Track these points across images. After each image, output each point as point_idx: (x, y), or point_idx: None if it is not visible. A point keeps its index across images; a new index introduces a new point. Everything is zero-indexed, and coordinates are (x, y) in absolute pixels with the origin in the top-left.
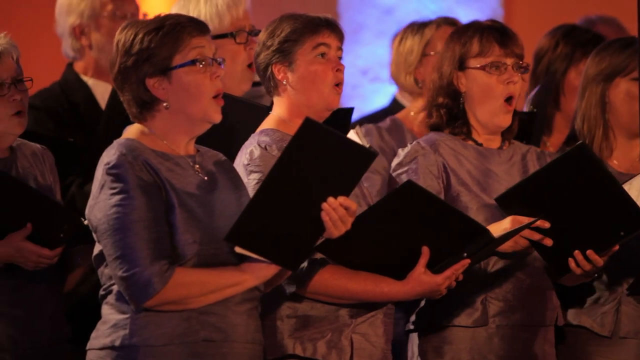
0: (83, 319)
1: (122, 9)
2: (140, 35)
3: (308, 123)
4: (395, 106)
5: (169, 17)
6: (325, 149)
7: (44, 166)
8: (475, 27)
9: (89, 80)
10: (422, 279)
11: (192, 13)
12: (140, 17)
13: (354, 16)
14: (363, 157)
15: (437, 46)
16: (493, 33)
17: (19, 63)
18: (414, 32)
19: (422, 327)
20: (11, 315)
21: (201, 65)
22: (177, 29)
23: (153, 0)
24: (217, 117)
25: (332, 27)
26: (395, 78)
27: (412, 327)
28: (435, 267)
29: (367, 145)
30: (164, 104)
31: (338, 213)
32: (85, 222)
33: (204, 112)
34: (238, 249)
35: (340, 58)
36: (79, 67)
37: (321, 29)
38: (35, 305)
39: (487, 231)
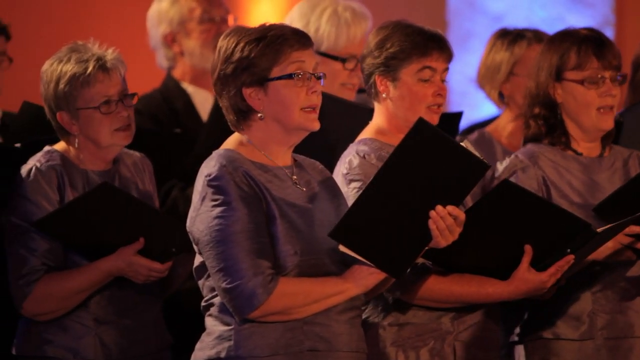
0: (179, 326)
1: (210, 13)
2: (241, 44)
3: (421, 123)
4: None
5: (272, 27)
6: (436, 153)
7: (144, 175)
8: (573, 38)
9: (189, 87)
10: (526, 278)
11: (311, 25)
12: (230, 21)
13: (463, 24)
14: (476, 167)
15: (527, 67)
16: (591, 45)
17: (125, 78)
18: (505, 47)
19: (527, 339)
20: (120, 325)
21: (298, 80)
22: (278, 41)
23: (262, 4)
24: (314, 125)
25: (442, 48)
26: (480, 86)
27: (516, 338)
28: (539, 265)
29: (481, 156)
30: (259, 115)
31: (446, 222)
32: None
33: (296, 122)
34: (342, 248)
35: (443, 81)
36: (176, 74)
37: (431, 51)
38: (140, 313)
39: (590, 226)
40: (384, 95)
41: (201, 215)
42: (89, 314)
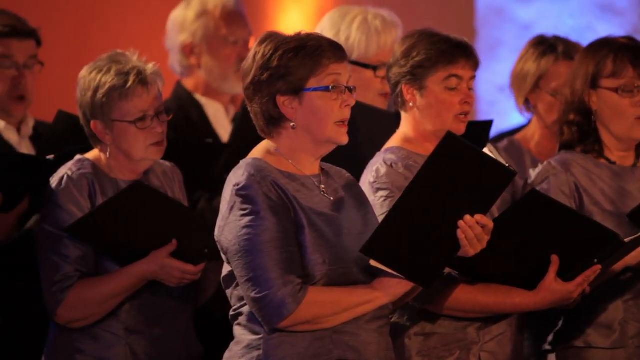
0: (209, 334)
1: (235, 35)
2: (280, 52)
3: (449, 137)
4: None
5: (311, 37)
6: (464, 164)
7: (173, 184)
8: (610, 46)
9: (202, 99)
10: (553, 288)
11: (342, 34)
12: (251, 44)
13: (492, 32)
14: (502, 175)
15: (550, 84)
16: (628, 53)
17: (161, 93)
18: (534, 58)
19: (559, 347)
20: (150, 334)
21: (334, 92)
22: (317, 52)
23: (291, 13)
24: (343, 139)
25: (468, 56)
26: (512, 89)
27: (549, 347)
28: (565, 275)
29: (506, 164)
30: (291, 124)
31: (475, 231)
32: None
33: (328, 136)
34: (373, 263)
35: (470, 89)
36: (188, 84)
37: (457, 59)
38: (170, 322)
39: (617, 236)
40: (411, 104)
41: (230, 225)
42: (120, 324)
